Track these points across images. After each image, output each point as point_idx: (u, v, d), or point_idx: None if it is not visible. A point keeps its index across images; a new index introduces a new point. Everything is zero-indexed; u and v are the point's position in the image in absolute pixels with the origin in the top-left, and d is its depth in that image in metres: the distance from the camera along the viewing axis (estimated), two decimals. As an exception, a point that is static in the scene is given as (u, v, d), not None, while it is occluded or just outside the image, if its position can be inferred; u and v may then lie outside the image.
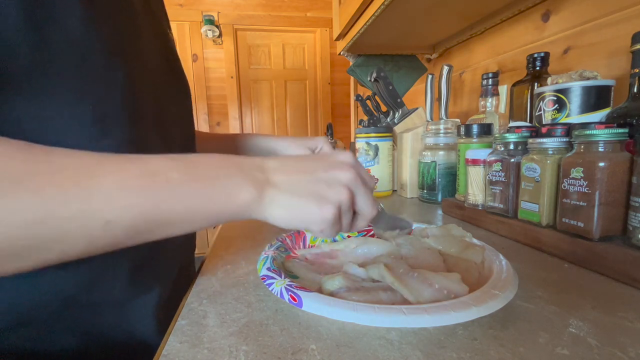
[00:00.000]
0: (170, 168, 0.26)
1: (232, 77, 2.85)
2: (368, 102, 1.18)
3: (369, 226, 0.39)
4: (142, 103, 0.35)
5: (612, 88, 0.48)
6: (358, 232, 0.50)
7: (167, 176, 0.26)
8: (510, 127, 0.58)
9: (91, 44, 0.29)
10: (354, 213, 0.33)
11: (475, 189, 0.57)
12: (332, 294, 0.31)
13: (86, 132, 0.30)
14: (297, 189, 0.29)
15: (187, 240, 0.49)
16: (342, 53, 1.26)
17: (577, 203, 0.39)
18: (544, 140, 0.44)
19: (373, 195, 0.35)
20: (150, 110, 0.37)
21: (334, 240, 0.47)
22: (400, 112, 0.97)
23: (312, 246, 0.46)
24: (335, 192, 0.30)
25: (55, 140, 0.28)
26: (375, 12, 0.83)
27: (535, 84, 0.61)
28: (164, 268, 0.40)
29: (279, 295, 0.31)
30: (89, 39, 0.29)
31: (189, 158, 0.28)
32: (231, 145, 0.59)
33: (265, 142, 0.59)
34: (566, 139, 0.43)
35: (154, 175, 0.25)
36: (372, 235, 0.49)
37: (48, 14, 0.26)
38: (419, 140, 0.82)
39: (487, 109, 0.70)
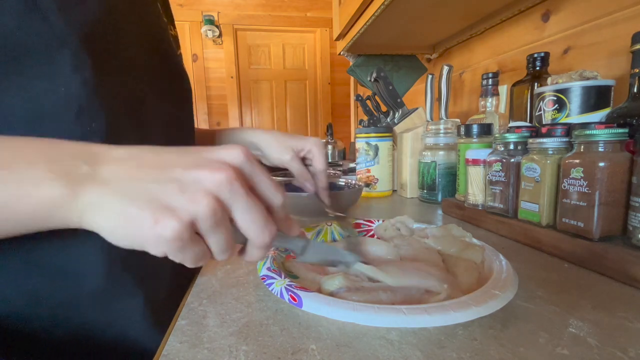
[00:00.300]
0: None
1: (232, 77, 2.85)
2: (368, 102, 1.19)
3: (293, 257, 0.32)
4: (109, 100, 0.33)
5: (612, 88, 0.48)
6: (358, 232, 0.50)
7: None
8: (510, 127, 0.58)
9: (29, 39, 0.28)
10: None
11: (475, 189, 0.57)
12: (331, 294, 0.31)
13: (22, 129, 0.29)
14: (131, 190, 0.21)
15: None
16: (342, 53, 1.26)
17: (577, 203, 0.39)
18: (544, 140, 0.44)
19: (283, 214, 0.26)
20: (124, 108, 0.35)
21: (334, 240, 0.47)
22: (400, 112, 0.97)
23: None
24: (186, 200, 0.21)
25: None
26: (375, 12, 0.83)
27: (535, 84, 0.61)
28: (149, 273, 0.38)
29: (279, 295, 0.31)
30: (27, 34, 0.28)
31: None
32: (209, 141, 0.56)
33: (250, 136, 0.54)
34: (566, 139, 0.43)
35: None
36: (372, 235, 0.49)
37: None
38: (419, 140, 0.82)
39: (487, 109, 0.70)
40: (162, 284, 0.41)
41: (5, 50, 0.27)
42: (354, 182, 0.76)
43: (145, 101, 0.39)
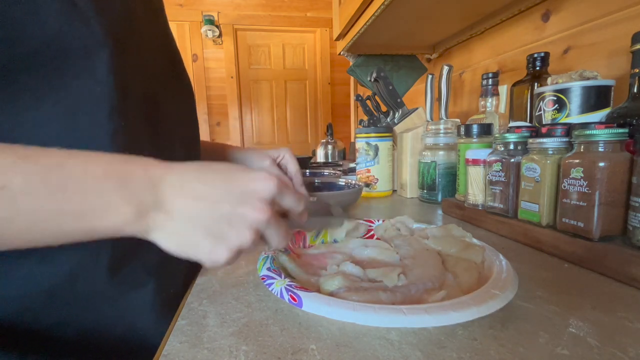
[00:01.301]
0: (14, 170, 0.23)
1: (232, 77, 2.85)
2: (368, 102, 1.19)
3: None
4: (130, 100, 0.35)
5: (612, 88, 0.48)
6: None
7: (4, 180, 0.22)
8: (510, 127, 0.58)
9: (71, 42, 0.29)
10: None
11: (475, 189, 0.57)
12: (331, 294, 0.31)
13: (58, 126, 0.30)
14: (191, 222, 0.26)
15: None
16: (342, 53, 1.26)
17: (577, 203, 0.39)
18: (544, 140, 0.44)
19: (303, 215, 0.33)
20: (141, 108, 0.37)
21: (335, 242, 0.47)
22: (400, 112, 0.97)
23: (311, 246, 0.46)
24: (236, 235, 0.27)
25: (29, 134, 0.29)
26: (375, 12, 0.83)
27: (535, 84, 0.61)
28: (158, 262, 0.39)
29: (279, 295, 0.31)
30: (68, 35, 0.29)
31: (54, 159, 0.24)
32: (217, 152, 0.60)
33: (236, 155, 0.60)
34: (566, 139, 0.43)
35: None
36: (372, 236, 0.49)
37: (25, 9, 0.26)
38: (419, 140, 0.82)
39: (487, 109, 0.70)
40: (175, 277, 0.41)
41: (48, 51, 0.28)
42: (354, 182, 0.76)
43: (159, 101, 0.40)
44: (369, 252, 0.42)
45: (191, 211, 0.26)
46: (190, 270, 0.43)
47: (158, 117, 0.40)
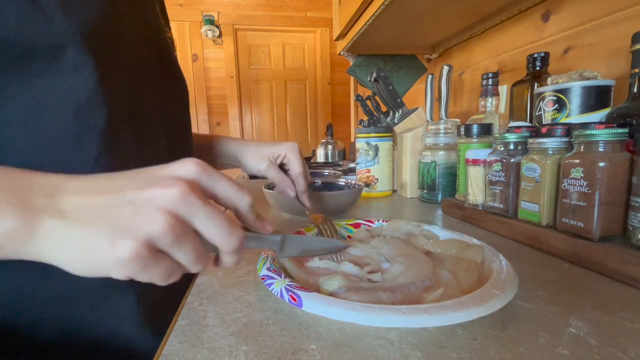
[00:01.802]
0: None
1: (232, 77, 2.85)
2: (368, 102, 1.19)
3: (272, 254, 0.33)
4: (105, 99, 0.34)
5: (612, 88, 0.48)
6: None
7: None
8: (510, 127, 0.58)
9: (33, 39, 0.29)
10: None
11: (475, 189, 0.57)
12: (331, 294, 0.31)
13: (23, 124, 0.30)
14: (88, 217, 0.21)
15: None
16: (342, 53, 1.26)
17: (577, 203, 0.39)
18: (544, 140, 0.44)
19: (251, 215, 0.27)
20: (122, 106, 0.36)
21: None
22: (400, 112, 0.97)
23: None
24: (141, 219, 0.21)
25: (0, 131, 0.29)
26: (375, 12, 0.83)
27: (535, 84, 0.61)
28: None
29: (279, 295, 0.31)
30: (31, 35, 0.28)
31: None
32: (206, 145, 0.58)
33: (233, 146, 0.57)
34: (566, 139, 0.43)
35: None
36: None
37: None
38: (419, 140, 0.82)
39: (487, 109, 0.70)
40: (157, 286, 0.41)
41: (9, 51, 0.28)
42: (354, 182, 0.76)
43: (145, 100, 0.40)
44: (355, 252, 0.42)
45: (88, 206, 0.21)
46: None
47: (143, 114, 0.39)
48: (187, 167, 0.23)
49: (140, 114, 0.39)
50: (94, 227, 0.21)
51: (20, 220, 0.21)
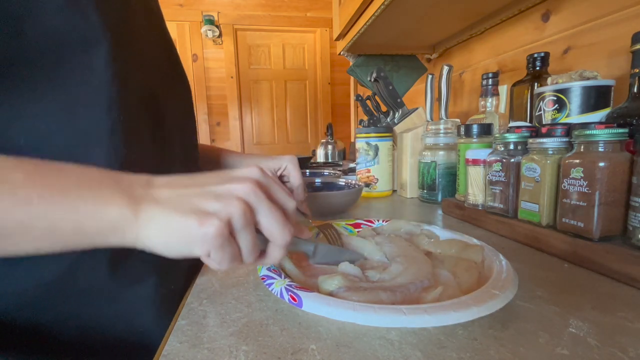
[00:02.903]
0: (15, 167, 0.23)
1: (232, 77, 2.85)
2: (368, 102, 1.19)
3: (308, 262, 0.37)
4: (130, 94, 0.35)
5: (612, 88, 0.48)
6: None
7: (6, 176, 0.22)
8: (510, 127, 0.58)
9: (71, 36, 0.29)
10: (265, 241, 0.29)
11: (475, 189, 0.57)
12: (330, 294, 0.31)
13: (57, 119, 0.30)
14: (179, 204, 0.25)
15: None
16: (342, 53, 1.26)
17: (577, 203, 0.39)
18: (544, 140, 0.44)
19: (295, 219, 0.31)
20: (140, 102, 0.37)
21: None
22: (400, 112, 0.97)
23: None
24: (223, 204, 0.25)
25: (28, 126, 0.29)
26: (375, 12, 0.83)
27: (535, 84, 0.61)
28: (159, 258, 0.39)
29: (279, 295, 0.31)
30: (67, 29, 0.29)
31: (53, 164, 0.25)
32: (209, 158, 0.60)
33: (235, 159, 0.59)
34: (566, 139, 0.43)
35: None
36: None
37: (25, 3, 0.27)
38: (419, 140, 0.82)
39: (487, 109, 0.70)
40: (176, 273, 0.41)
41: (47, 45, 0.29)
42: (354, 182, 0.76)
43: (159, 95, 0.41)
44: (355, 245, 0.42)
45: (178, 196, 0.26)
46: (192, 267, 0.43)
47: (158, 111, 0.40)
48: (253, 170, 0.28)
49: (156, 112, 0.40)
50: (185, 210, 0.25)
51: (127, 206, 0.24)
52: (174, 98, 0.45)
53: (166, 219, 0.25)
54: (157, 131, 0.40)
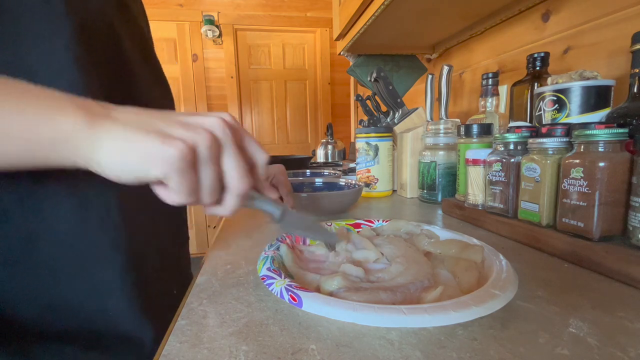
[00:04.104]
0: None
1: (232, 77, 2.85)
2: (368, 102, 1.18)
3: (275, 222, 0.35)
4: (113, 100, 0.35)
5: (612, 88, 0.48)
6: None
7: None
8: (510, 127, 0.58)
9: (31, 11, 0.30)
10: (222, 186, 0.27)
11: (475, 189, 0.57)
12: (331, 294, 0.31)
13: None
14: (141, 124, 0.24)
15: (167, 222, 0.47)
16: (342, 53, 1.26)
17: (577, 203, 0.39)
18: (544, 140, 0.44)
19: (263, 175, 0.30)
20: (118, 101, 0.37)
21: None
22: (400, 112, 0.97)
23: (312, 245, 0.46)
24: (190, 133, 0.24)
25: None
26: (375, 12, 0.83)
27: (535, 84, 0.61)
28: (125, 238, 0.37)
29: (279, 295, 0.31)
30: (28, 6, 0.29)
31: (14, 80, 0.25)
32: None
33: None
34: (566, 139, 0.43)
35: None
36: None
37: None
38: (419, 140, 0.82)
39: (487, 109, 0.70)
40: (146, 260, 0.40)
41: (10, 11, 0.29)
42: (354, 182, 0.76)
43: (137, 103, 0.40)
44: (357, 254, 0.42)
45: (140, 118, 0.25)
46: (162, 258, 0.42)
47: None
48: (225, 114, 0.27)
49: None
50: (147, 130, 0.24)
51: (83, 117, 0.23)
52: (153, 102, 0.44)
53: (125, 134, 0.24)
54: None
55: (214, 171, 0.26)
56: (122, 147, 0.23)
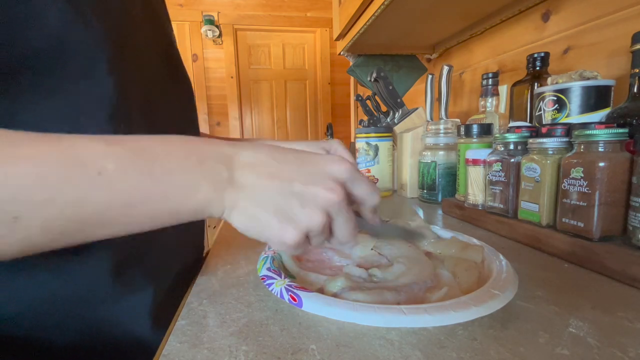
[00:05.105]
0: (106, 155, 0.23)
1: (232, 77, 2.85)
2: (368, 102, 1.18)
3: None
4: (130, 103, 0.34)
5: (612, 88, 0.48)
6: None
7: (99, 166, 0.22)
8: (510, 127, 0.58)
9: (72, 42, 0.29)
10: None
11: (475, 189, 0.57)
12: (335, 296, 0.31)
13: (59, 129, 0.30)
14: (262, 199, 0.26)
15: (191, 240, 0.48)
16: (342, 53, 1.26)
17: (577, 203, 0.39)
18: (544, 140, 0.44)
19: (373, 212, 0.33)
20: (140, 111, 0.36)
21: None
22: (400, 112, 0.97)
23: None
24: (306, 215, 0.26)
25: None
26: (375, 12, 0.83)
27: (535, 84, 0.61)
28: (158, 267, 0.39)
29: (279, 295, 0.31)
30: (69, 37, 0.29)
31: (138, 143, 0.25)
32: None
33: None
34: (566, 139, 0.43)
35: (83, 166, 0.22)
36: None
37: (26, 10, 0.26)
38: (419, 140, 0.82)
39: (487, 109, 0.70)
40: (170, 280, 0.41)
41: (48, 52, 0.28)
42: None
43: (158, 103, 0.40)
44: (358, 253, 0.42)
45: (262, 189, 0.26)
46: (182, 272, 0.43)
47: (155, 121, 0.40)
48: (343, 169, 0.28)
49: (150, 116, 0.39)
50: (267, 210, 0.26)
51: (215, 192, 0.26)
52: (173, 106, 0.44)
53: (250, 211, 0.26)
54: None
55: (324, 237, 0.29)
56: (247, 222, 0.26)
